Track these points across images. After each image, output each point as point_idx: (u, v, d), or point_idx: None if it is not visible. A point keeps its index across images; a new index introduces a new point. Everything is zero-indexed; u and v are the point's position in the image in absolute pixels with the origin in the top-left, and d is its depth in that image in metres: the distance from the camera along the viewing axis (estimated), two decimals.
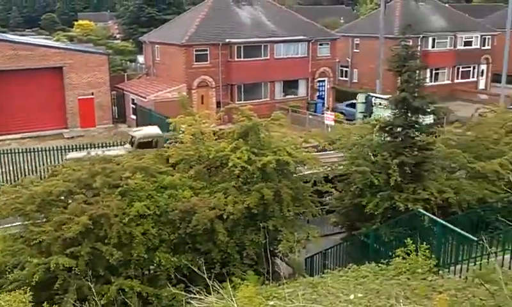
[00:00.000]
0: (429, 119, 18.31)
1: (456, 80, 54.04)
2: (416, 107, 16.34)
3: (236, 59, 42.62)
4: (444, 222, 11.44)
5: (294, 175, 16.51)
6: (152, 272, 14.89)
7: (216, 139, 17.23)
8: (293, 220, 16.15)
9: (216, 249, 14.86)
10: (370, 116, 32.37)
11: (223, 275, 14.17)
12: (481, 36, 55.19)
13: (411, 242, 10.42)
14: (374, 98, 36.07)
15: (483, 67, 56.08)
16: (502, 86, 38.82)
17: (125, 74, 51.93)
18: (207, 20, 43.79)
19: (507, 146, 19.04)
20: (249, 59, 42.95)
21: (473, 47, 54.50)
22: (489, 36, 55.81)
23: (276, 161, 15.21)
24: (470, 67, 54.92)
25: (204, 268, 11.29)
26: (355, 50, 55.64)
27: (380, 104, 34.66)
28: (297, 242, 15.79)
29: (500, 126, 20.62)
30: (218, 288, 8.85)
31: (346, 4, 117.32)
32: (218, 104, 41.67)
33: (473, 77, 55.31)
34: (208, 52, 42.22)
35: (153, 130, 28.40)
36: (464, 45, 53.95)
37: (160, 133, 26.99)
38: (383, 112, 30.05)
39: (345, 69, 57.32)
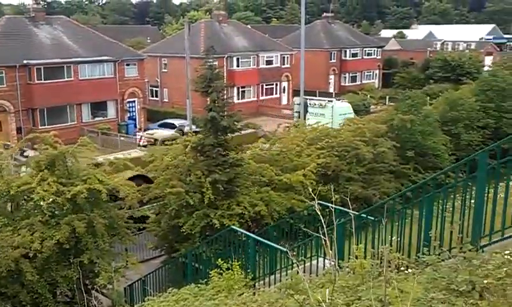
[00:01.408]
0: None
1: (261, 97, 57.23)
2: (225, 125, 16.86)
3: (36, 82, 39.86)
4: (255, 236, 11.86)
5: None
6: None
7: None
8: (109, 250, 15.50)
9: (25, 291, 13.63)
10: (305, 114, 37.60)
11: None
12: (281, 55, 59.27)
13: (222, 262, 10.56)
14: (308, 99, 40.78)
15: (284, 84, 60.26)
16: (301, 100, 41.91)
17: None
18: (0, 40, 40.36)
19: (309, 157, 20.60)
20: (51, 81, 40.48)
21: (274, 65, 58.25)
22: (288, 55, 60.21)
23: (87, 190, 14.44)
24: (272, 84, 58.57)
25: None
26: (164, 70, 55.88)
27: (315, 104, 39.07)
28: (116, 271, 15.14)
29: (301, 139, 22.26)
30: None
31: (152, 24, 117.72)
32: (19, 130, 38.58)
33: (276, 94, 59.07)
34: (3, 75, 38.89)
35: (168, 132, 36.87)
36: (266, 64, 57.43)
37: (175, 133, 34.26)
38: (320, 111, 36.26)
39: (155, 89, 57.20)
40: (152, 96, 56.97)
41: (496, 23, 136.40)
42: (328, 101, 38.74)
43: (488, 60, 77.37)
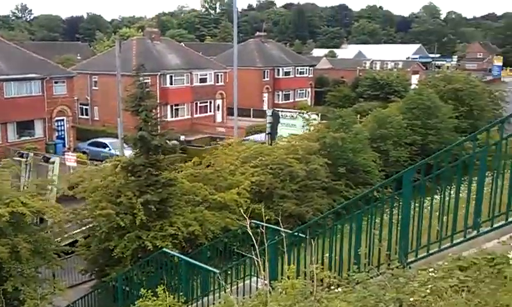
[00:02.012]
0: None
1: (195, 115, 56.86)
2: (157, 145, 16.56)
3: None
4: (187, 259, 11.66)
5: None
6: None
7: None
8: (35, 276, 14.83)
9: None
10: (277, 127, 40.44)
11: None
12: (215, 73, 59.26)
13: (144, 290, 10.26)
14: (280, 111, 45.06)
15: (219, 102, 60.23)
16: (235, 119, 42.06)
17: None
18: None
19: (243, 175, 20.60)
20: None
21: (208, 83, 58.13)
22: (222, 73, 60.32)
23: (9, 213, 13.75)
24: (207, 102, 58.37)
25: None
26: (94, 88, 54.52)
27: (287, 116, 42.35)
28: (42, 298, 14.51)
29: (235, 157, 22.24)
30: None
31: (82, 41, 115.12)
32: None
33: (210, 112, 58.91)
34: None
35: None
36: (200, 82, 57.23)
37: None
38: (291, 121, 39.52)
39: (85, 107, 55.64)
40: (82, 115, 55.39)
41: (421, 43, 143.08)
42: (299, 113, 42.48)
43: (415, 79, 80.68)
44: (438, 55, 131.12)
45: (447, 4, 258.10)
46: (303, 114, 41.50)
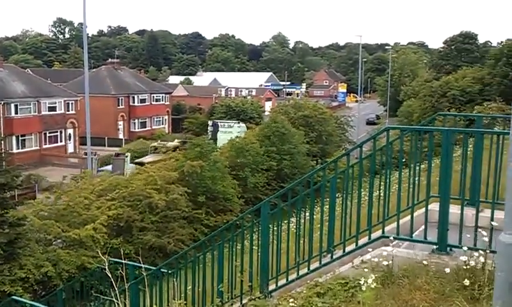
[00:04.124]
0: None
1: (44, 146, 53.68)
2: (2, 183, 15.34)
3: None
4: (39, 305, 10.89)
5: None
6: None
7: None
8: None
9: None
10: (216, 134, 49.36)
11: None
12: (65, 101, 56.55)
13: None
14: (219, 122, 55.40)
15: (70, 131, 57.47)
16: (88, 148, 40.37)
17: None
18: None
19: (99, 209, 19.79)
20: None
21: (58, 111, 55.30)
22: (73, 101, 57.76)
23: None
24: (57, 132, 55.44)
25: None
26: None
27: (225, 125, 52.43)
28: None
29: (90, 191, 21.31)
30: None
31: None
32: None
33: (61, 142, 55.99)
34: None
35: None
36: (49, 110, 54.23)
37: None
38: (228, 130, 48.82)
39: None
40: None
41: (272, 71, 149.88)
42: (235, 122, 54.23)
43: (268, 105, 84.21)
44: (288, 82, 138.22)
45: (295, 34, 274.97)
46: (238, 123, 52.86)
